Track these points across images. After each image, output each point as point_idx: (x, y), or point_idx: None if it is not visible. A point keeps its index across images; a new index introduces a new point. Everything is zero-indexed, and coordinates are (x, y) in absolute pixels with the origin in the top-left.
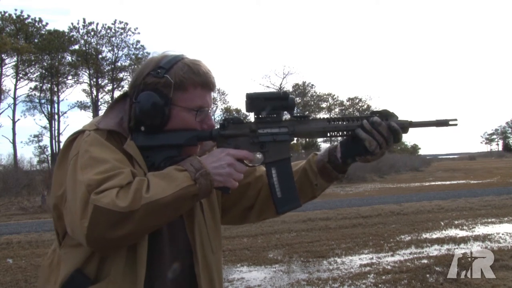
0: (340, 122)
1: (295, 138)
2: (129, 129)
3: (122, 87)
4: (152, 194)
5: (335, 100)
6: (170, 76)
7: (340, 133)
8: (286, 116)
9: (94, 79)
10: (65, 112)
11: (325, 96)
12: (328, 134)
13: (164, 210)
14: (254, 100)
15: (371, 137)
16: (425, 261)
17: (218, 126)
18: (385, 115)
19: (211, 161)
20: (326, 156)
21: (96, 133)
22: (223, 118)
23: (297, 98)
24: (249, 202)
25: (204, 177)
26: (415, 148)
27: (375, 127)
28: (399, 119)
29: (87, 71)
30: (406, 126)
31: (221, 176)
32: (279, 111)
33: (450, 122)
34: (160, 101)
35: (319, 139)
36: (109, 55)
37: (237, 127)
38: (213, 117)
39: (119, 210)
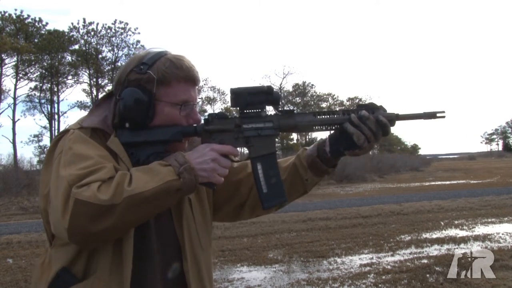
0: (326, 116)
1: (296, 137)
2: (113, 126)
3: None
4: (134, 187)
5: (335, 100)
6: (153, 71)
7: (327, 127)
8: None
9: (94, 79)
10: (65, 112)
11: (325, 96)
12: (314, 128)
13: (146, 204)
14: (238, 95)
15: (359, 131)
16: (425, 261)
17: (203, 121)
18: (372, 108)
19: (195, 156)
20: (315, 150)
21: (80, 131)
22: (208, 113)
23: (297, 98)
24: (241, 198)
25: (188, 171)
26: (415, 148)
27: (363, 121)
28: (386, 111)
29: (87, 71)
30: (393, 118)
31: (205, 171)
32: (263, 105)
33: (438, 114)
34: (144, 97)
35: (318, 136)
36: (109, 55)
37: (222, 122)
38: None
39: (100, 203)
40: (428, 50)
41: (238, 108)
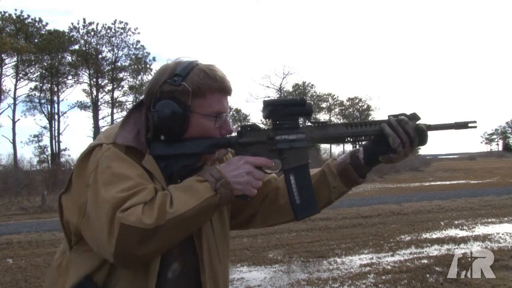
0: (359, 127)
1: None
2: (147, 141)
3: (122, 87)
4: (176, 208)
5: (335, 100)
6: (187, 83)
7: (359, 139)
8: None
9: (94, 79)
10: (65, 112)
11: (325, 96)
12: (347, 140)
13: (188, 223)
14: (271, 107)
15: (396, 134)
16: (425, 261)
17: (235, 134)
18: (410, 117)
19: (230, 169)
20: (348, 157)
21: (114, 147)
22: (240, 125)
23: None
24: (253, 208)
25: (224, 186)
26: None
27: (402, 125)
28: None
29: (87, 71)
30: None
31: (240, 184)
32: (296, 117)
33: (470, 125)
34: (179, 109)
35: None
36: (109, 55)
37: (255, 134)
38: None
39: (145, 227)
40: (428, 50)
41: (271, 120)
